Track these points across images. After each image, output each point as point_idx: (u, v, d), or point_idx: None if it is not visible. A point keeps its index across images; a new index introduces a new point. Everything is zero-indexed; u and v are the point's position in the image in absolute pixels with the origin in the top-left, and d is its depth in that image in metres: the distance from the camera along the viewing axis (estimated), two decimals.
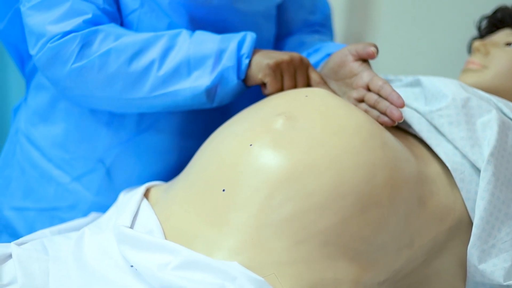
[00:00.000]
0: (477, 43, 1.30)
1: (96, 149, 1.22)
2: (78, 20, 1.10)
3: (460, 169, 1.06)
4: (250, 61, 1.13)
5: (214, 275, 0.88)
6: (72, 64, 1.09)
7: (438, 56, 1.96)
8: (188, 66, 1.12)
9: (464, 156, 1.07)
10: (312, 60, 1.25)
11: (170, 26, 1.17)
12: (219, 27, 1.20)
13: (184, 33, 1.13)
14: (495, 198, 1.03)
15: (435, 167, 1.08)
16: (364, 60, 1.13)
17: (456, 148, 1.08)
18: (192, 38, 1.13)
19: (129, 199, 1.08)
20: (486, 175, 1.03)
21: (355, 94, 1.13)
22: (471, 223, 1.05)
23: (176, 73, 1.11)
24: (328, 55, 1.21)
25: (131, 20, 1.17)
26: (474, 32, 1.48)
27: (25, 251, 0.97)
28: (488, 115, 1.09)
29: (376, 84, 1.10)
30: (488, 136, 1.07)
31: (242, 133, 1.02)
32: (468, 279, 1.04)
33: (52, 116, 1.24)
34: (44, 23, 1.10)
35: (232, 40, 1.13)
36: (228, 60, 1.12)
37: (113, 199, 1.21)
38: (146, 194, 1.10)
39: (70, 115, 1.22)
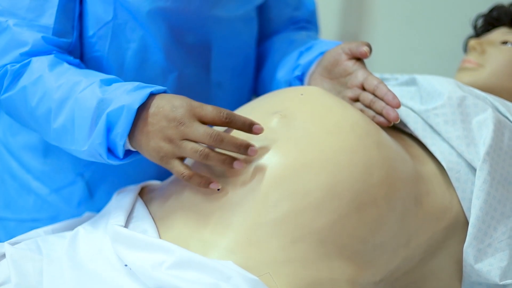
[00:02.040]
0: (473, 42, 1.30)
1: (75, 162, 1.20)
2: (15, 54, 1.06)
3: (456, 169, 1.06)
4: (134, 140, 0.97)
5: (208, 275, 0.88)
6: (1, 95, 1.07)
7: (434, 55, 1.96)
8: (72, 125, 1.00)
9: (460, 155, 1.07)
10: (305, 59, 1.23)
11: (143, 38, 1.14)
12: (198, 33, 1.19)
13: (83, 82, 1.00)
14: (491, 197, 1.03)
15: (431, 166, 1.08)
16: (358, 58, 1.12)
17: (452, 147, 1.08)
18: (83, 92, 0.99)
19: (123, 198, 1.08)
20: (482, 174, 1.03)
21: (350, 93, 1.12)
22: (467, 223, 1.04)
23: (64, 130, 1.01)
24: (322, 53, 1.20)
25: (105, 33, 1.13)
26: (470, 31, 1.48)
27: (19, 251, 0.97)
28: (484, 114, 1.09)
29: (371, 83, 1.09)
30: (484, 135, 1.06)
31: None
32: (464, 279, 1.04)
33: None
34: None
35: (108, 106, 0.96)
36: (96, 136, 0.97)
37: (94, 211, 1.20)
38: (140, 194, 1.10)
39: None
